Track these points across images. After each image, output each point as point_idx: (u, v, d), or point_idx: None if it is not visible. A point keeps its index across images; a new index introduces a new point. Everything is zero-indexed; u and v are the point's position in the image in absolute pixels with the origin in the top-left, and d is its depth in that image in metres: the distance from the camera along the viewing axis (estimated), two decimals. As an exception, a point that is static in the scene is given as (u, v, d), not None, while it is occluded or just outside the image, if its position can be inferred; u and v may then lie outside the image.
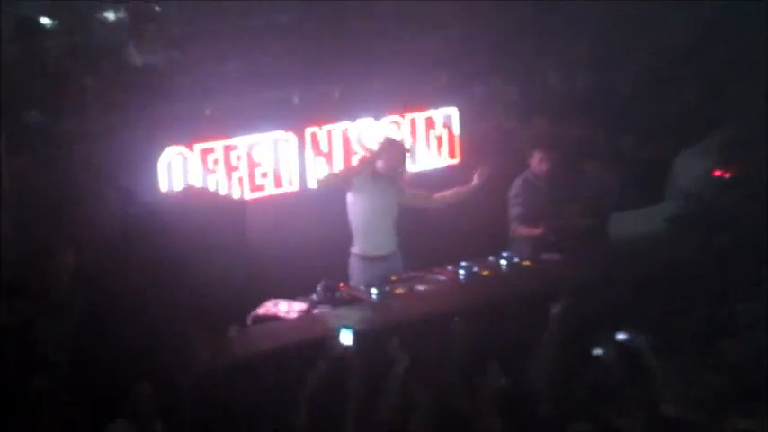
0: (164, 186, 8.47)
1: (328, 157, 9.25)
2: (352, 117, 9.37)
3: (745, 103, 11.36)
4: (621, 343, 7.39)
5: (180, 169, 8.57)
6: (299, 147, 9.13)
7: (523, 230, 9.06)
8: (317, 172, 9.19)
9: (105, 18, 12.20)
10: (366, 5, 11.71)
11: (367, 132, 9.41)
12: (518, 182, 9.23)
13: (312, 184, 9.20)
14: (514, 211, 9.14)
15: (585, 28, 12.76)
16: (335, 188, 8.81)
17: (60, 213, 8.15)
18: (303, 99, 9.44)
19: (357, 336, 7.07)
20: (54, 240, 7.81)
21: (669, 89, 11.72)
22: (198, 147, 8.65)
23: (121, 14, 11.46)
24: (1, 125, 8.61)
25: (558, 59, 11.68)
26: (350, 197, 8.64)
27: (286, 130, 9.04)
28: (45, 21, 10.32)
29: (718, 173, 9.81)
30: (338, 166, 9.21)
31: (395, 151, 8.80)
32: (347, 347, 6.95)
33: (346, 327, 7.19)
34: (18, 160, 8.50)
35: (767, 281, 8.60)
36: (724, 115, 10.83)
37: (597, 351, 7.42)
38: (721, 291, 8.65)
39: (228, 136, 8.85)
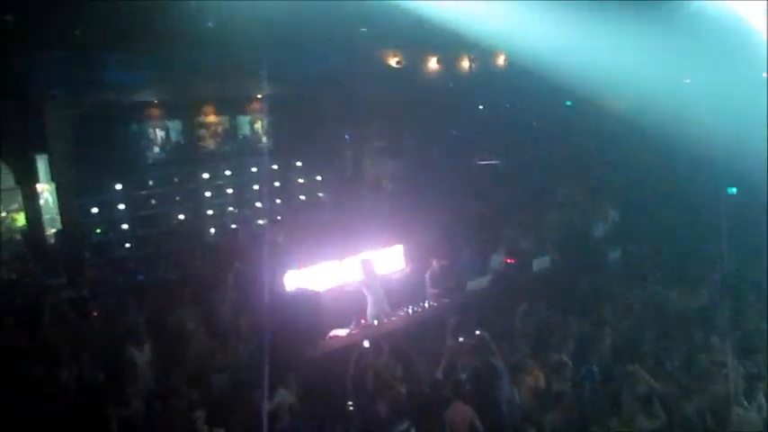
0: (288, 287, 8.78)
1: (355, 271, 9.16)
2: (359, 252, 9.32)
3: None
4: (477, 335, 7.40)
5: (294, 278, 8.83)
6: (340, 268, 9.24)
7: (431, 291, 9.28)
8: (347, 277, 9.15)
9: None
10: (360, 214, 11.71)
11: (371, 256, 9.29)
12: (429, 272, 9.39)
13: (347, 280, 9.13)
14: (428, 283, 9.36)
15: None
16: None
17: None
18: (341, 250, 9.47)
19: (369, 342, 7.56)
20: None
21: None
22: (303, 270, 8.94)
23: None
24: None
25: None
26: (364, 282, 8.92)
27: (335, 260, 9.26)
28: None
29: (507, 260, 10.03)
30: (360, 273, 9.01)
31: (367, 263, 8.97)
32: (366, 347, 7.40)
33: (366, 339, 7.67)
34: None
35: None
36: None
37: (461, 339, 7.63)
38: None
39: (310, 264, 9.09)
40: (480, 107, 14.02)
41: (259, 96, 12.86)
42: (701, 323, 8.11)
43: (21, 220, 10.93)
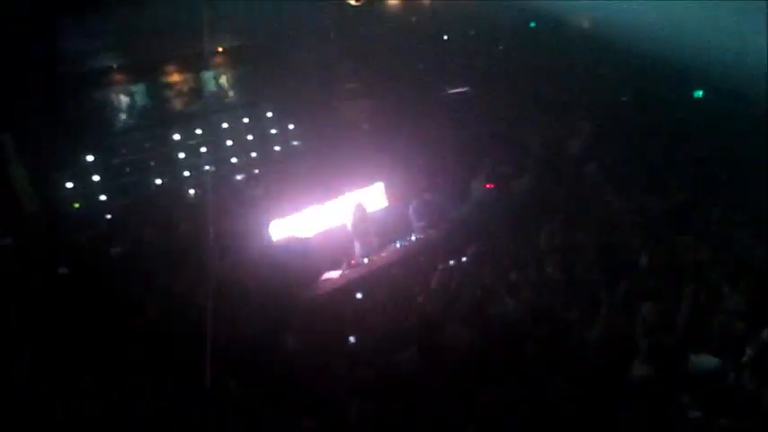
0: (275, 236, 8.66)
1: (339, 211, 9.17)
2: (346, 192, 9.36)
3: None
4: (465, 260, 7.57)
5: (279, 228, 8.72)
6: (324, 211, 9.15)
7: (417, 225, 9.23)
8: (332, 221, 9.14)
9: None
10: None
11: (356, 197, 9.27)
12: (412, 206, 9.33)
13: (333, 224, 9.07)
14: (413, 217, 9.25)
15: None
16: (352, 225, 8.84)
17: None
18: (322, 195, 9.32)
19: (360, 282, 7.67)
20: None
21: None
22: (286, 218, 8.80)
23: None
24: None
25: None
26: (353, 225, 8.82)
27: (315, 204, 9.14)
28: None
29: (487, 185, 9.87)
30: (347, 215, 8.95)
31: (361, 207, 8.96)
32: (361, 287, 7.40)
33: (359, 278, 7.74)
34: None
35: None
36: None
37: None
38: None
39: (294, 212, 8.94)
40: (445, 37, 13.74)
41: (220, 50, 12.55)
42: (680, 223, 8.14)
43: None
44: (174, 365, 6.17)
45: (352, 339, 6.62)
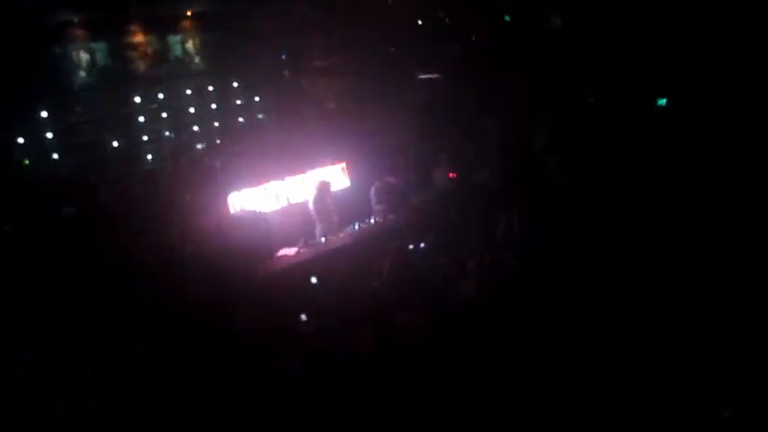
0: (232, 208, 8.51)
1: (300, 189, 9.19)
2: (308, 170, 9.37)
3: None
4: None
5: (237, 200, 8.58)
6: (284, 187, 9.05)
7: (377, 208, 9.21)
8: (293, 197, 9.12)
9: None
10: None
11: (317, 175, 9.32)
12: (373, 187, 9.27)
13: (293, 201, 9.03)
14: (373, 200, 9.25)
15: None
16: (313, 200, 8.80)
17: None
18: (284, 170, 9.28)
19: (317, 261, 7.66)
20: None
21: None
22: (244, 191, 8.65)
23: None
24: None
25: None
26: (315, 203, 8.81)
27: (275, 180, 9.04)
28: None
29: (450, 175, 9.99)
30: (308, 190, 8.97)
31: (325, 185, 8.95)
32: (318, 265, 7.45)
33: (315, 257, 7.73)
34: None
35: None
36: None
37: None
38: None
39: (253, 185, 8.83)
40: (419, 22, 13.62)
41: (189, 14, 12.20)
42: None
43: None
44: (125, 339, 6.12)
45: (303, 317, 6.55)
